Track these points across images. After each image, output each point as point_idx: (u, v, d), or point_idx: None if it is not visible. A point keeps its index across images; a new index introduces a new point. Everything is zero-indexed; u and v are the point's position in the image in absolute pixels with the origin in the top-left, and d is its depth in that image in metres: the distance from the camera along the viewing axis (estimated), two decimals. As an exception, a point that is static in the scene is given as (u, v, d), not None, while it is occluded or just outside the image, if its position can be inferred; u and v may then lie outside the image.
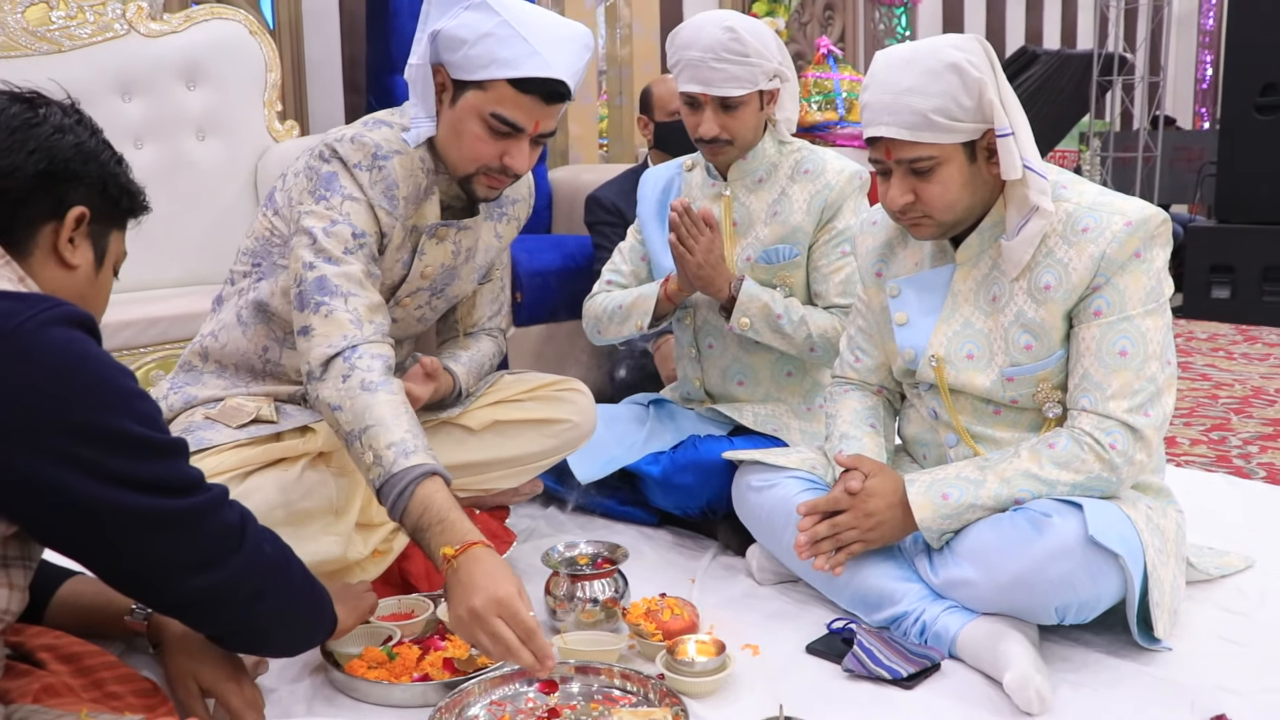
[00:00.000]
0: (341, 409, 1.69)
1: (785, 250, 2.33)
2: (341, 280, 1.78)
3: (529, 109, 1.83)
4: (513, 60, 1.79)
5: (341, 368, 1.71)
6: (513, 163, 1.88)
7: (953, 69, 1.72)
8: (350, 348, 1.73)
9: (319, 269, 1.78)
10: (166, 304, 2.81)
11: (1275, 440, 3.24)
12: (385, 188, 1.86)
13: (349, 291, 1.78)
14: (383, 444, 1.63)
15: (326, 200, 1.83)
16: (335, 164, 1.86)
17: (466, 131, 1.86)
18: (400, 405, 1.70)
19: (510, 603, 1.48)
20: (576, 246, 3.61)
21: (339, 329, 1.74)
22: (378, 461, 1.63)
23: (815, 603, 2.02)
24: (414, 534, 1.62)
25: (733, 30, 2.19)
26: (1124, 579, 1.69)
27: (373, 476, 1.65)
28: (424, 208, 1.96)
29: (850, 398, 2.10)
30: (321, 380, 1.73)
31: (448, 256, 2.02)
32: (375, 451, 1.64)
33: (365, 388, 1.69)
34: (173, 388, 2.02)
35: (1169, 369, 1.79)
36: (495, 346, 2.25)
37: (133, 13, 3.17)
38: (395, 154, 1.88)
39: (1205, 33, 9.92)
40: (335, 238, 1.81)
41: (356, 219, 1.83)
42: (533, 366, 3.11)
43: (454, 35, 1.81)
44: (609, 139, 5.35)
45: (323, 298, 1.76)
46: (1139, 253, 1.75)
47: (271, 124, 3.37)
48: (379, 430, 1.65)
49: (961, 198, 1.80)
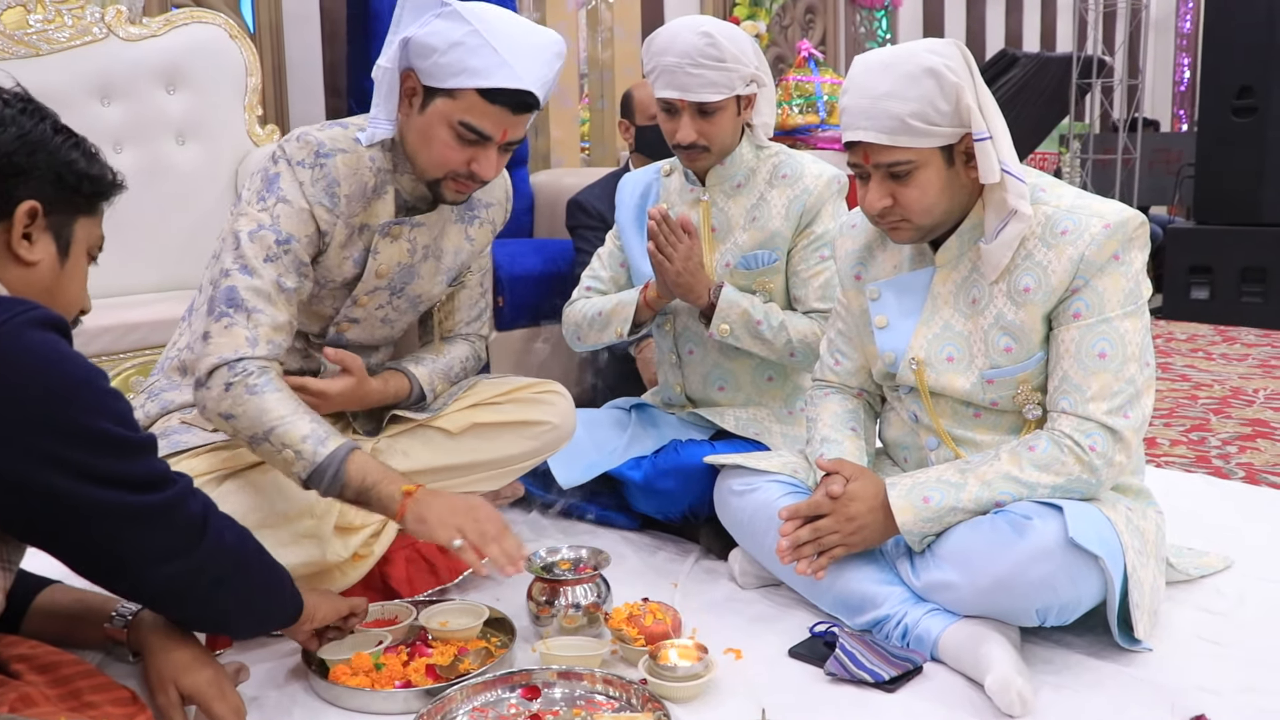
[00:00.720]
0: (235, 416, 1.74)
1: (764, 255, 2.33)
2: (250, 294, 1.80)
3: (497, 118, 1.85)
4: (482, 70, 1.80)
5: (225, 376, 1.75)
6: (480, 169, 1.90)
7: (930, 74, 1.73)
8: (237, 359, 1.77)
9: (232, 278, 1.81)
10: (146, 309, 2.80)
11: (1254, 440, 3.26)
12: (326, 185, 1.88)
13: (254, 307, 1.80)
14: (296, 439, 1.72)
15: (264, 201, 1.86)
16: (281, 164, 1.89)
17: (435, 138, 1.87)
18: (291, 398, 1.77)
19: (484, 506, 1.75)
20: (558, 250, 3.60)
21: (233, 344, 1.78)
22: (299, 456, 1.72)
23: (797, 606, 2.02)
24: (358, 497, 1.74)
25: (709, 36, 2.18)
26: (1104, 580, 1.70)
27: (296, 470, 1.72)
28: (374, 206, 1.97)
29: (831, 401, 2.10)
30: (206, 388, 1.77)
31: (404, 255, 2.03)
32: (292, 447, 1.72)
33: (250, 391, 1.74)
34: (150, 395, 2.01)
35: (1148, 370, 1.80)
36: (470, 351, 2.24)
37: (112, 16, 3.15)
38: (339, 152, 1.90)
39: (1183, 35, 9.99)
40: (259, 243, 1.83)
41: (285, 223, 1.85)
42: (515, 371, 3.11)
43: (425, 43, 1.82)
44: (590, 143, 5.35)
45: (228, 309, 1.80)
46: (1117, 255, 1.76)
47: (252, 128, 3.36)
48: (284, 428, 1.72)
49: (939, 201, 1.81)
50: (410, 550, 2.06)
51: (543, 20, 4.89)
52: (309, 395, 1.91)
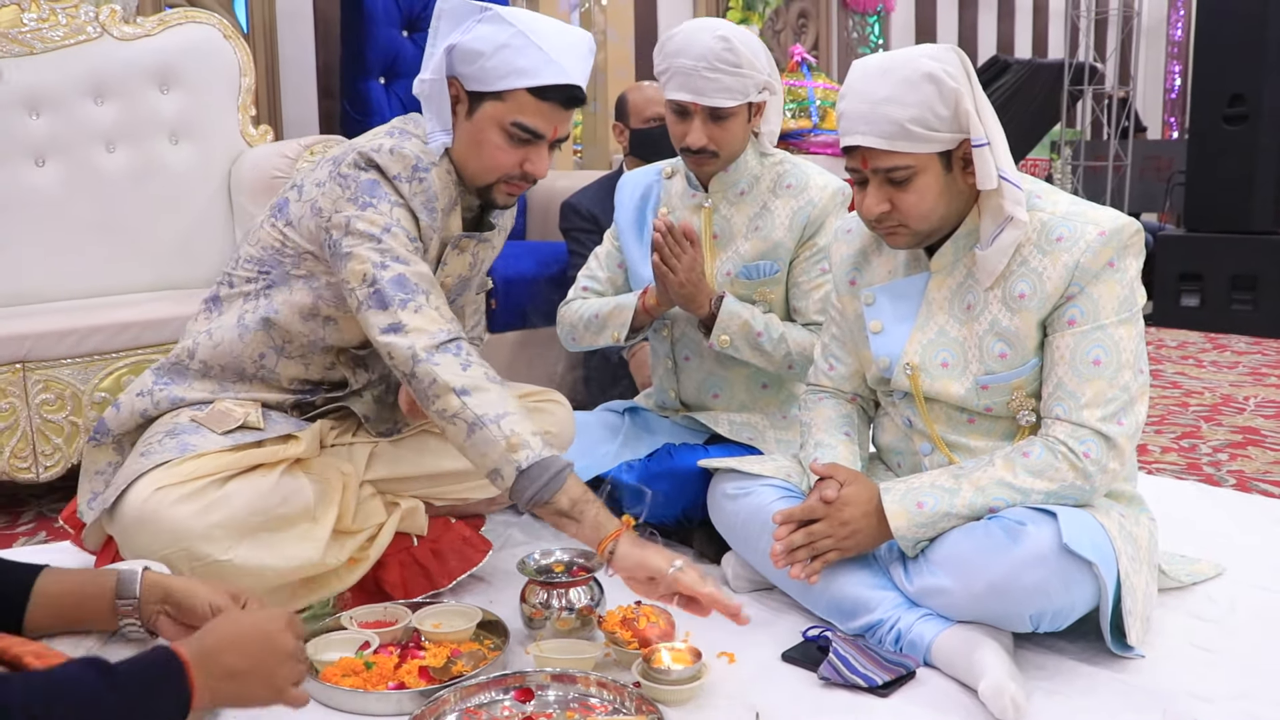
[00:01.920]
0: (470, 394, 1.73)
1: (766, 266, 2.32)
2: (419, 279, 1.81)
3: (548, 115, 1.88)
4: (531, 69, 1.83)
5: (459, 356, 1.76)
6: (533, 169, 1.92)
7: (929, 79, 1.73)
8: (456, 340, 1.78)
9: (392, 268, 1.80)
10: (138, 309, 2.79)
11: (1245, 448, 3.27)
12: (425, 200, 1.89)
13: (427, 289, 1.81)
14: (528, 431, 1.72)
15: (374, 207, 1.84)
16: (374, 173, 1.87)
17: (487, 142, 1.89)
18: (521, 403, 1.78)
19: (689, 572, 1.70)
20: (551, 253, 3.60)
21: (434, 323, 1.78)
22: (525, 445, 1.71)
23: (791, 611, 2.02)
24: (565, 512, 1.72)
25: (726, 40, 2.16)
26: (1097, 586, 1.70)
27: (519, 458, 1.70)
28: (449, 220, 1.99)
29: (825, 406, 2.10)
30: (434, 364, 1.75)
31: (465, 268, 2.05)
32: (520, 437, 1.71)
33: (490, 379, 1.76)
34: (158, 384, 2.00)
35: (1142, 378, 1.80)
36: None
37: (106, 15, 3.14)
38: (433, 166, 1.91)
39: (1174, 43, 10.03)
40: (397, 239, 1.83)
41: (407, 224, 1.86)
42: (507, 373, 3.09)
43: (470, 48, 1.84)
44: (583, 145, 5.35)
45: (406, 295, 1.79)
46: (1112, 262, 1.77)
47: (245, 128, 3.35)
48: (518, 419, 1.73)
49: (937, 207, 1.81)
50: (405, 555, 2.06)
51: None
52: None
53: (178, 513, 1.76)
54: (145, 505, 1.77)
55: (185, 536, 1.75)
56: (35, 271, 3.00)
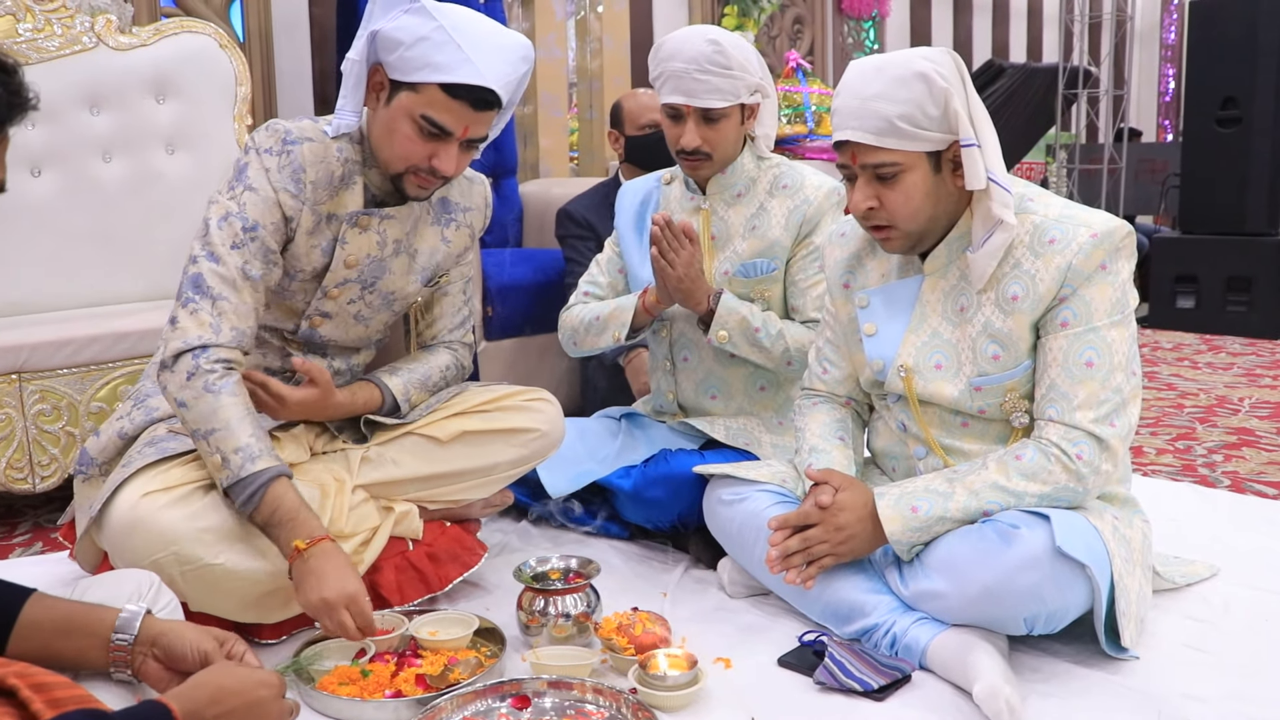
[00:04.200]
0: (187, 407, 1.79)
1: (763, 264, 2.34)
2: (215, 281, 1.85)
3: (458, 114, 1.88)
4: (445, 65, 1.84)
5: (189, 364, 1.80)
6: (440, 165, 1.92)
7: (920, 78, 1.74)
8: (201, 347, 1.81)
9: (198, 265, 1.87)
10: (135, 318, 2.79)
11: (1239, 449, 3.28)
12: (291, 171, 1.93)
13: (219, 294, 1.85)
14: (229, 448, 1.76)
15: (233, 190, 1.92)
16: (250, 154, 1.94)
17: (398, 131, 1.91)
18: (242, 408, 1.80)
19: (358, 599, 1.71)
20: (547, 260, 3.61)
21: (197, 328, 1.82)
22: (225, 464, 1.76)
23: (786, 615, 2.03)
24: (265, 529, 1.77)
25: (717, 44, 2.21)
26: (1091, 589, 1.71)
27: (221, 477, 1.77)
28: (342, 196, 1.99)
29: (819, 410, 2.11)
30: (171, 371, 1.81)
31: (373, 247, 2.05)
32: (222, 454, 1.76)
33: (208, 389, 1.78)
34: (135, 403, 2.02)
35: (1134, 380, 1.81)
36: (452, 359, 2.25)
37: (101, 25, 3.15)
38: (306, 140, 1.94)
39: (1167, 47, 10.05)
40: (226, 230, 1.89)
41: (251, 210, 1.90)
42: (504, 380, 3.10)
43: (392, 36, 1.86)
44: (579, 152, 5.36)
45: (194, 294, 1.85)
46: (1105, 265, 1.77)
47: (241, 137, 3.35)
48: (224, 434, 1.76)
49: (924, 207, 1.82)
50: (400, 559, 2.06)
51: (531, 30, 4.90)
52: (269, 395, 1.95)
53: (167, 517, 1.77)
54: (134, 511, 1.78)
55: (175, 540, 1.76)
56: (31, 281, 3.01)
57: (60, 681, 1.22)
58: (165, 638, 1.36)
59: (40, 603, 1.36)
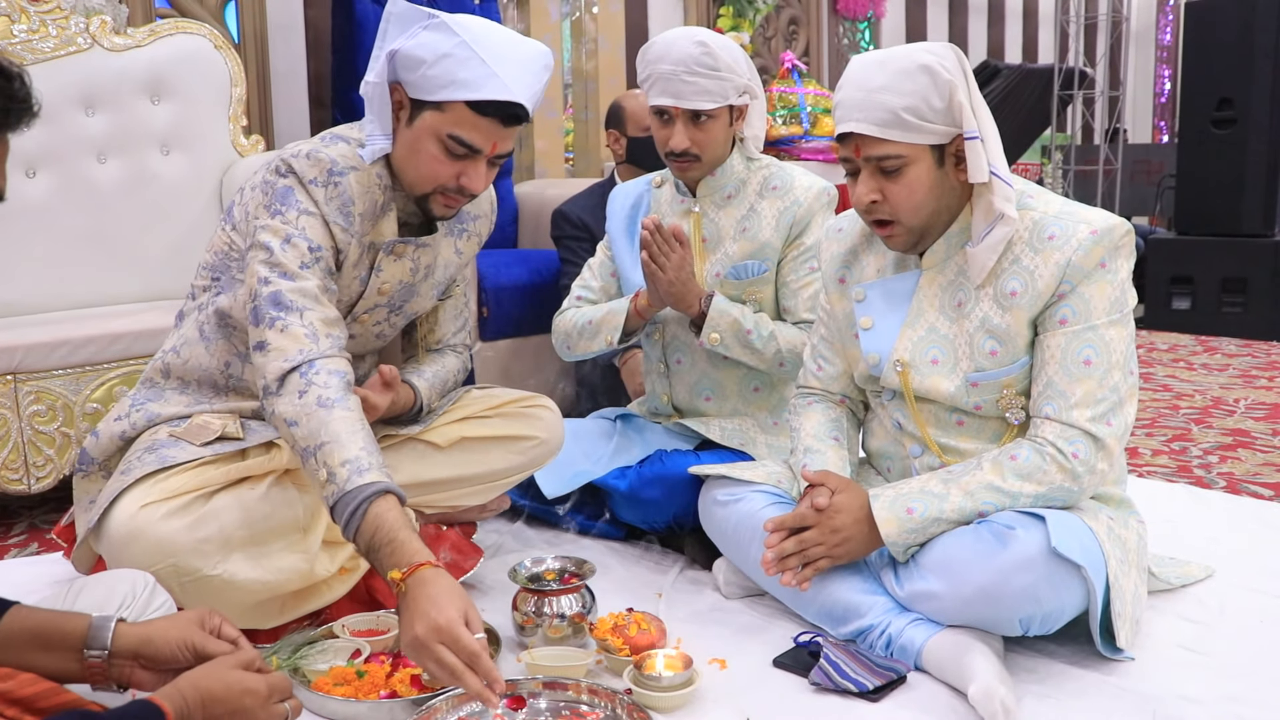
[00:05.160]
0: (297, 424, 1.67)
1: (754, 266, 2.34)
2: (296, 295, 1.77)
3: (486, 131, 1.83)
4: (471, 82, 1.78)
5: (298, 383, 1.69)
6: (469, 183, 1.87)
7: (925, 70, 1.75)
8: (307, 363, 1.71)
9: (274, 284, 1.77)
10: (130, 319, 2.79)
11: (1235, 450, 3.28)
12: (341, 204, 1.86)
13: (304, 306, 1.76)
14: (337, 461, 1.61)
15: (282, 215, 1.82)
16: (291, 179, 1.85)
17: (423, 151, 1.85)
18: (356, 421, 1.67)
19: (451, 629, 1.43)
20: (543, 261, 3.61)
21: (295, 344, 1.72)
22: (331, 479, 1.61)
23: (782, 616, 2.03)
24: (367, 554, 1.59)
25: (704, 45, 2.21)
26: (1086, 590, 1.71)
27: (326, 493, 1.62)
28: (380, 224, 1.95)
29: (814, 410, 2.11)
30: (278, 395, 1.71)
31: (406, 274, 2.02)
32: (329, 468, 1.61)
33: (321, 404, 1.67)
34: (135, 404, 2.00)
35: (1131, 379, 1.81)
36: (459, 362, 2.25)
37: (96, 27, 3.14)
38: (351, 170, 1.87)
39: (1163, 48, 10.05)
40: (292, 251, 1.80)
41: (313, 233, 1.82)
42: (499, 381, 3.11)
43: (412, 55, 1.80)
44: (574, 153, 5.36)
45: (278, 313, 1.75)
46: (1104, 262, 1.78)
47: (236, 138, 3.35)
48: (333, 447, 1.62)
49: (927, 201, 1.82)
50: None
51: (527, 31, 4.90)
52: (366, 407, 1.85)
53: (165, 528, 1.75)
54: (132, 522, 1.76)
55: (174, 552, 1.74)
56: (26, 282, 3.00)
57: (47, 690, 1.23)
58: (148, 647, 1.34)
59: (17, 615, 1.33)
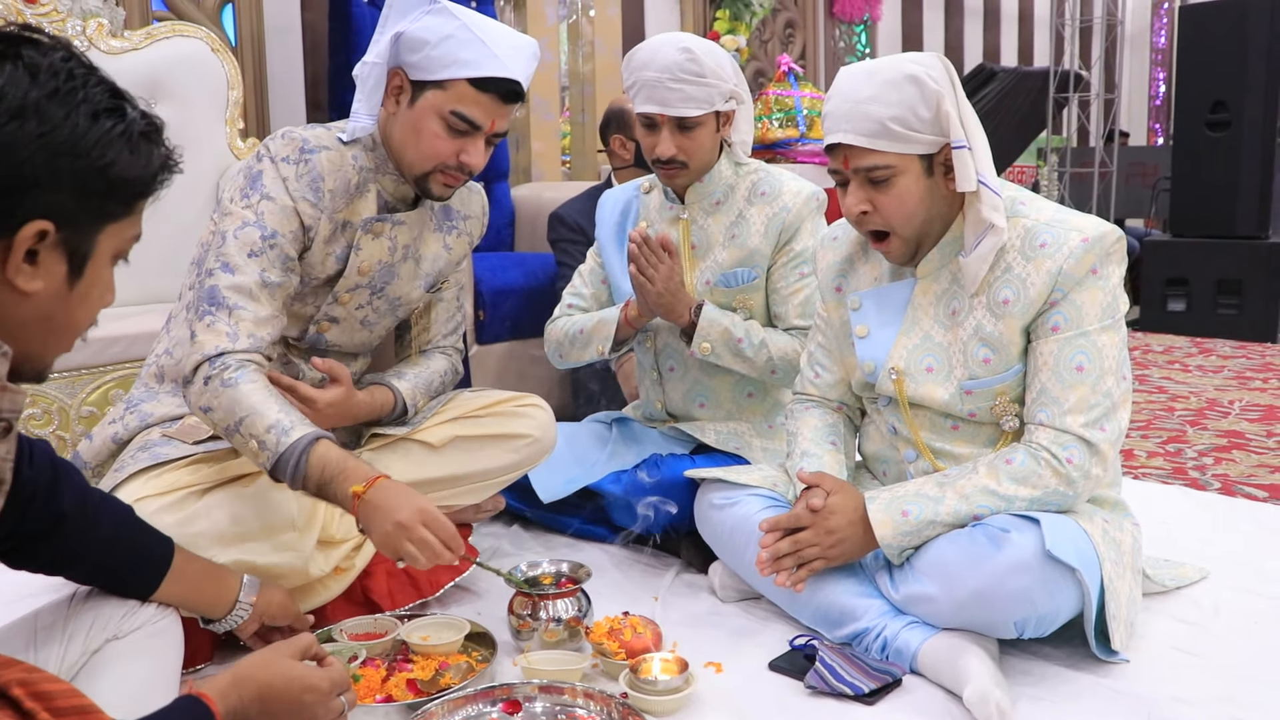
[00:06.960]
0: (212, 409, 1.77)
1: (744, 273, 2.34)
2: (230, 292, 1.84)
3: (487, 107, 1.92)
4: (473, 61, 1.89)
5: (206, 371, 1.78)
6: (469, 160, 1.95)
7: (912, 80, 1.75)
8: (218, 355, 1.79)
9: (214, 277, 1.85)
10: (126, 322, 2.78)
11: (1230, 452, 3.29)
12: (310, 180, 1.92)
13: (235, 304, 1.83)
14: (261, 429, 1.72)
15: (248, 199, 1.90)
16: (264, 161, 1.93)
17: (425, 129, 1.93)
18: (264, 390, 1.77)
19: (431, 511, 1.67)
20: (539, 264, 3.61)
21: (214, 340, 1.81)
22: (262, 447, 1.72)
23: (778, 620, 2.03)
24: (319, 492, 1.73)
25: (689, 51, 2.20)
26: (1081, 592, 1.71)
27: (262, 461, 1.73)
28: (356, 204, 2.00)
29: (811, 415, 2.11)
30: (189, 384, 1.80)
31: (384, 253, 2.05)
32: (256, 438, 1.72)
33: (225, 384, 1.76)
34: (128, 407, 2.01)
35: (1124, 384, 1.81)
36: (448, 364, 2.25)
37: (93, 29, 3.14)
38: (323, 149, 1.95)
39: (1157, 50, 10.07)
40: (243, 240, 1.87)
41: (270, 219, 1.89)
42: (496, 384, 3.10)
43: (416, 37, 1.89)
44: (571, 156, 5.36)
45: (210, 308, 1.83)
46: (1095, 269, 1.78)
47: (233, 141, 3.36)
48: (253, 418, 1.73)
49: (918, 211, 1.83)
50: (391, 564, 2.05)
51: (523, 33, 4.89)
52: (298, 399, 1.93)
53: (159, 522, 1.75)
54: None
55: None
56: (22, 286, 3.00)
57: (64, 690, 1.22)
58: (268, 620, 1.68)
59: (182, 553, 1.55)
